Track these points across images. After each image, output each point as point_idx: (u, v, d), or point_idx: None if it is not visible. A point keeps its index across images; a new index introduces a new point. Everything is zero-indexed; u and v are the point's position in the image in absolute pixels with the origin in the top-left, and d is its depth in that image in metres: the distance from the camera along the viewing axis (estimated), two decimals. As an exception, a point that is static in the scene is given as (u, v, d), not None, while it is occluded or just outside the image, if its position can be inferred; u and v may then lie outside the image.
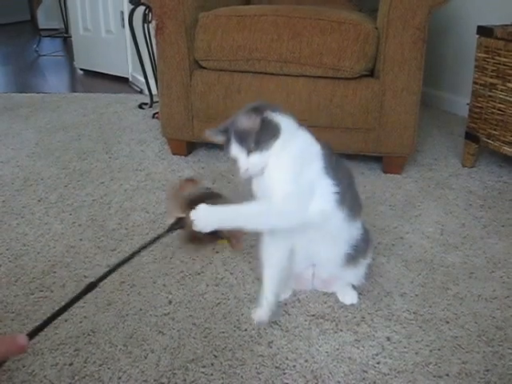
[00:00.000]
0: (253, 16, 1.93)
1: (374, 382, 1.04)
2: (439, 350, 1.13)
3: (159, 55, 2.05)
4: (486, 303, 1.28)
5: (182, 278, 1.37)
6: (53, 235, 1.58)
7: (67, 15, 4.90)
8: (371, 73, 1.93)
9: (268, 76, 1.96)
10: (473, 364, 1.09)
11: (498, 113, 1.92)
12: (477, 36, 1.95)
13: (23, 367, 1.07)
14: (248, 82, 1.97)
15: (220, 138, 1.14)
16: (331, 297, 1.29)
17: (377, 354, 1.11)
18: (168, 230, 0.98)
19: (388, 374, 1.06)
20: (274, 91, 1.95)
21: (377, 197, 1.85)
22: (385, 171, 2.06)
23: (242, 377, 1.05)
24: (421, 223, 1.67)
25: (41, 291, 1.31)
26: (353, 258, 1.21)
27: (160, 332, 1.17)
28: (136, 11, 2.73)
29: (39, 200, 1.81)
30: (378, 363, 1.09)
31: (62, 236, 1.57)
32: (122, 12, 3.36)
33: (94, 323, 1.20)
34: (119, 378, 1.04)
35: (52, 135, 2.47)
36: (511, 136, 1.88)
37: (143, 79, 3.01)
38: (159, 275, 1.38)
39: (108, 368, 1.07)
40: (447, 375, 1.06)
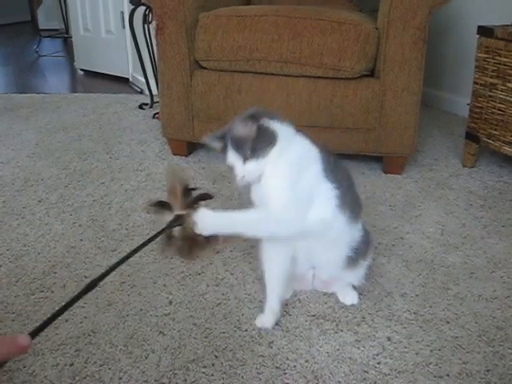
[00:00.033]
0: (253, 16, 1.93)
1: (375, 382, 1.04)
2: (440, 350, 1.13)
3: (159, 55, 2.05)
4: (487, 303, 1.28)
5: (183, 279, 1.37)
6: (53, 236, 1.58)
7: (67, 15, 4.91)
8: (371, 73, 1.93)
9: (268, 76, 1.96)
10: (473, 364, 1.09)
11: (499, 113, 1.92)
12: (477, 36, 1.95)
13: (24, 367, 1.07)
14: (248, 83, 1.97)
15: (217, 145, 1.14)
16: (332, 297, 1.29)
17: (377, 354, 1.11)
18: (167, 227, 0.97)
19: (388, 374, 1.06)
20: (275, 91, 1.95)
21: (377, 197, 1.85)
22: (385, 171, 2.06)
23: (243, 377, 1.05)
24: (421, 223, 1.67)
25: (41, 292, 1.31)
26: (353, 260, 1.21)
27: (161, 332, 1.17)
28: (136, 11, 2.73)
29: (40, 200, 1.81)
30: (379, 363, 1.09)
31: (63, 236, 1.57)
32: (123, 12, 3.36)
33: (95, 323, 1.20)
34: (120, 379, 1.04)
35: (52, 135, 2.47)
36: (511, 136, 1.88)
37: (143, 79, 3.01)
38: (159, 275, 1.38)
39: (109, 368, 1.07)
40: (448, 375, 1.06)
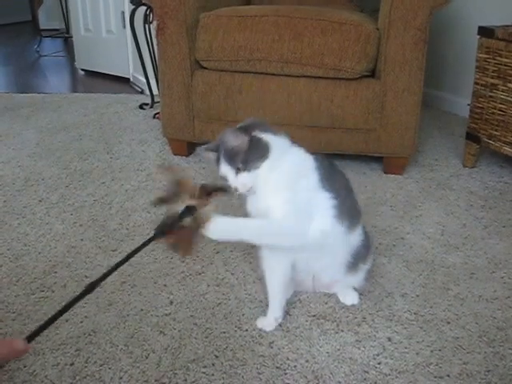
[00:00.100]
0: (254, 16, 1.93)
1: (375, 383, 1.04)
2: (440, 351, 1.13)
3: (160, 55, 2.05)
4: (487, 304, 1.28)
5: (183, 279, 1.37)
6: (54, 235, 1.58)
7: (68, 15, 4.91)
8: (372, 73, 1.93)
9: (269, 76, 1.96)
10: (474, 365, 1.09)
11: (499, 113, 1.92)
12: (478, 37, 1.95)
13: (24, 367, 1.07)
14: (249, 83, 1.97)
15: (211, 156, 1.14)
16: (332, 297, 1.29)
17: (378, 355, 1.11)
18: (179, 218, 0.96)
19: (389, 375, 1.06)
20: (275, 92, 1.96)
21: (378, 197, 1.85)
22: (386, 172, 2.05)
23: (243, 377, 1.05)
24: (422, 224, 1.67)
25: (42, 291, 1.31)
26: (353, 265, 1.21)
27: (161, 332, 1.17)
28: (137, 11, 2.73)
29: (40, 200, 1.81)
30: (379, 363, 1.09)
31: (63, 236, 1.58)
32: (123, 12, 3.36)
33: (95, 323, 1.20)
34: (120, 378, 1.04)
35: (53, 135, 2.47)
36: (512, 137, 1.89)
37: (144, 79, 3.01)
38: (160, 275, 1.38)
39: (109, 368, 1.07)
40: (448, 376, 1.06)
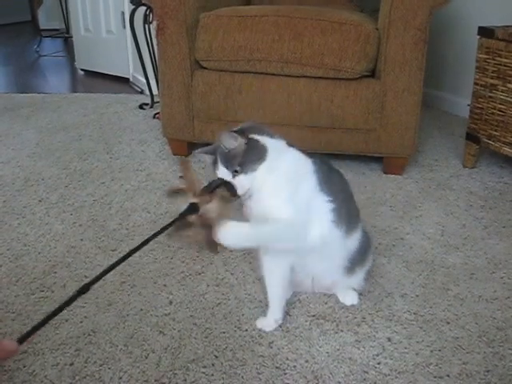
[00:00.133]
0: (254, 16, 1.93)
1: (375, 383, 1.04)
2: (440, 351, 1.13)
3: (160, 55, 2.05)
4: (487, 304, 1.28)
5: (183, 279, 1.37)
6: (53, 235, 1.58)
7: (68, 15, 4.91)
8: (372, 73, 1.93)
9: (269, 76, 1.96)
10: (473, 365, 1.09)
11: (499, 114, 1.92)
12: (478, 37, 1.95)
13: (24, 367, 1.07)
14: (249, 83, 1.97)
15: (207, 159, 1.14)
16: (332, 297, 1.29)
17: (377, 355, 1.11)
18: (181, 215, 0.96)
19: (389, 375, 1.06)
20: (275, 92, 1.96)
21: (377, 197, 1.85)
22: (385, 172, 2.05)
23: (243, 377, 1.05)
24: (421, 224, 1.67)
25: (41, 291, 1.31)
26: (352, 267, 1.21)
27: (161, 332, 1.17)
28: (137, 11, 2.73)
29: (40, 200, 1.81)
30: (379, 364, 1.09)
31: (63, 236, 1.57)
32: (123, 12, 3.36)
33: (95, 323, 1.20)
34: (120, 378, 1.04)
35: (53, 135, 2.47)
36: (512, 137, 1.89)
37: (144, 79, 3.01)
38: (160, 275, 1.38)
39: (109, 368, 1.07)
40: (448, 376, 1.06)
